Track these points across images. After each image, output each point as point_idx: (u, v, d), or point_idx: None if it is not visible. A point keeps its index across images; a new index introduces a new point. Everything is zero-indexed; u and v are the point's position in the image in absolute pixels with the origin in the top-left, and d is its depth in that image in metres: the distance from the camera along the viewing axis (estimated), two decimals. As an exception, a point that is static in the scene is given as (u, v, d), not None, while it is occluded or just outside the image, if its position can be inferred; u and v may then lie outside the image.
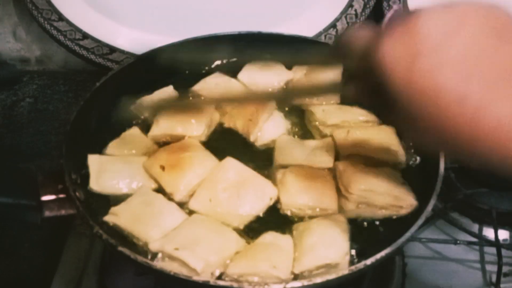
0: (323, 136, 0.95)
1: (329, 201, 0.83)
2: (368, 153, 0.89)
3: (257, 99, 1.01)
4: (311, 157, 0.89)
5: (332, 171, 0.87)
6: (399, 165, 0.89)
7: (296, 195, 0.83)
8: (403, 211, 0.82)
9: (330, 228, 0.78)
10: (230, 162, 0.87)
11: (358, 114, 0.97)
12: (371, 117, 0.96)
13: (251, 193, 0.83)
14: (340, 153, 0.90)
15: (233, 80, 1.04)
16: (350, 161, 0.87)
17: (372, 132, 0.92)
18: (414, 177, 0.87)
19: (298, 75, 1.04)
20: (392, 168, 0.87)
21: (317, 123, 0.96)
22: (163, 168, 0.86)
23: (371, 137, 0.91)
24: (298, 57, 1.04)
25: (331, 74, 0.99)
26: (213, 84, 1.02)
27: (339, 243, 0.77)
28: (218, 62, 1.09)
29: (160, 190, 0.86)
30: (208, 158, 0.90)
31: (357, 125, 0.95)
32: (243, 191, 0.83)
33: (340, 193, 0.84)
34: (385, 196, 0.82)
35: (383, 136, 0.91)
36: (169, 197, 0.84)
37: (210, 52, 1.08)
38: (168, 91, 1.01)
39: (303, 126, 0.98)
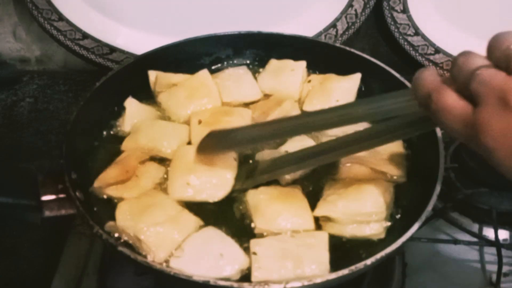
0: None
1: (304, 222, 0.80)
2: (370, 164, 0.86)
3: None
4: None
5: (302, 188, 0.85)
6: (399, 178, 0.86)
7: (272, 220, 0.79)
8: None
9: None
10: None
11: (361, 127, 0.92)
12: None
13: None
14: (342, 162, 0.88)
15: (250, 75, 1.04)
16: (340, 181, 0.85)
17: None
18: (415, 177, 0.87)
19: (313, 83, 1.02)
20: (388, 180, 0.85)
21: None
22: (200, 122, 0.91)
23: (376, 148, 0.87)
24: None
25: (348, 84, 0.99)
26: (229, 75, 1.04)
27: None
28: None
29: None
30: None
31: None
32: None
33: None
34: (368, 215, 0.79)
35: (389, 148, 0.89)
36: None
37: (210, 52, 1.09)
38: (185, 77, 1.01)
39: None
